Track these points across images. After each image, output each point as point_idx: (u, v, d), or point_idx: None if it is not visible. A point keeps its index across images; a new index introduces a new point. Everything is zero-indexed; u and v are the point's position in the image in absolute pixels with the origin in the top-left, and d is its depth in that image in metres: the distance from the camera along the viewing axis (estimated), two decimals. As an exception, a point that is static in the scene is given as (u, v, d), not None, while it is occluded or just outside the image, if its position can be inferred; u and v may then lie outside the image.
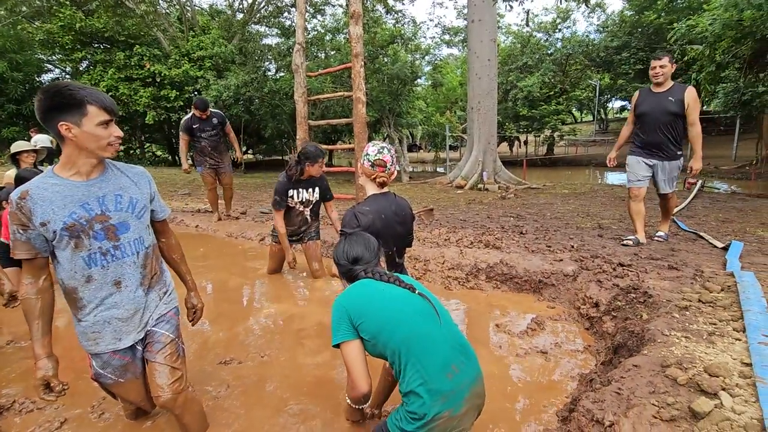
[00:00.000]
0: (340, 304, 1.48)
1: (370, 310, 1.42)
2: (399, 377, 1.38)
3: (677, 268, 2.90)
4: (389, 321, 1.38)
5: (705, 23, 8.39)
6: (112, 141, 1.40)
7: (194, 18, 17.49)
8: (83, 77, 15.94)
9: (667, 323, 2.03)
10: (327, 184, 3.71)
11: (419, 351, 1.33)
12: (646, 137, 3.73)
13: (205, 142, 5.33)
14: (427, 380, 1.30)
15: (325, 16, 17.78)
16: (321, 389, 2.12)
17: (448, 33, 20.47)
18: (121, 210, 1.49)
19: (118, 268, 1.49)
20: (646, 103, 3.70)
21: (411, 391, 1.31)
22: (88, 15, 15.65)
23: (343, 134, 19.98)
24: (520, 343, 2.54)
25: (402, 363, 1.34)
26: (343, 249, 1.64)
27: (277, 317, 3.03)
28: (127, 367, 1.60)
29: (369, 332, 1.39)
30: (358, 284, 1.54)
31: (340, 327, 1.43)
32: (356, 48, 4.69)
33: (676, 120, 3.56)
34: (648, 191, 3.79)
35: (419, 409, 1.29)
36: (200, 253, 4.69)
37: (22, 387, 2.16)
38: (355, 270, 1.58)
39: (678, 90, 3.56)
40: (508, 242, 3.99)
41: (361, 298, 1.47)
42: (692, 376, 1.52)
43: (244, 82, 13.24)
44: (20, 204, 1.34)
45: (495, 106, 9.94)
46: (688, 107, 3.50)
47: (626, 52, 17.02)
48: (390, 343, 1.36)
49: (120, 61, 15.49)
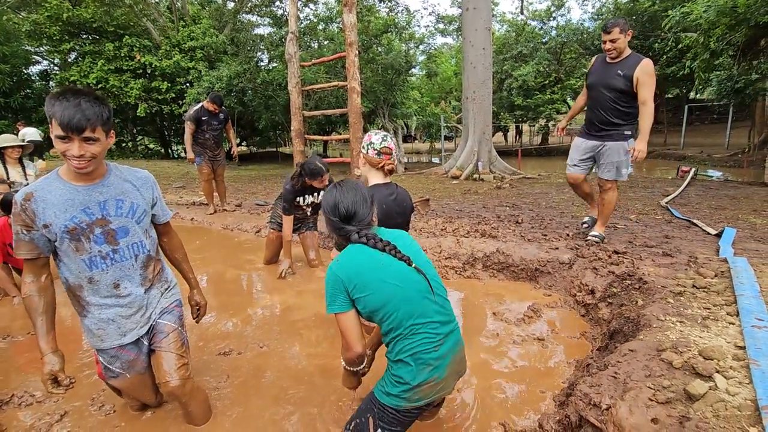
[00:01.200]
0: (335, 274, 1.40)
1: (367, 286, 1.37)
2: (388, 345, 1.44)
3: (671, 255, 2.93)
4: (388, 300, 1.37)
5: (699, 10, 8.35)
6: (68, 157, 1.34)
7: (184, 7, 17.15)
8: (72, 69, 15.64)
9: (662, 309, 2.05)
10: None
11: (413, 327, 1.38)
12: (589, 113, 3.31)
13: (209, 135, 5.34)
14: (417, 352, 1.36)
15: (317, 5, 17.51)
16: (319, 378, 2.13)
17: (442, 21, 20.26)
18: (122, 215, 1.51)
19: (117, 270, 1.52)
20: (596, 74, 3.24)
21: (400, 360, 1.38)
22: (76, 5, 15.29)
23: (338, 125, 19.82)
24: (517, 330, 2.56)
25: (394, 336, 1.40)
26: (334, 200, 1.46)
27: (274, 308, 3.03)
28: (133, 363, 1.64)
29: (365, 307, 1.40)
30: (353, 252, 1.43)
31: (335, 298, 1.40)
32: (350, 37, 4.64)
33: (622, 97, 3.08)
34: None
35: (406, 375, 1.37)
36: (196, 245, 4.67)
37: (20, 381, 2.16)
38: (347, 230, 1.44)
39: (631, 63, 3.03)
40: (504, 231, 4.00)
41: (357, 271, 1.38)
42: (687, 360, 1.54)
43: (236, 72, 13.06)
44: (24, 205, 1.38)
45: (490, 96, 9.89)
46: (638, 83, 2.99)
47: (621, 40, 16.95)
48: (386, 319, 1.39)
49: (109, 53, 15.20)
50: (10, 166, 3.54)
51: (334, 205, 1.46)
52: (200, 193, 7.33)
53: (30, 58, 17.70)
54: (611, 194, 3.32)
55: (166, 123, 19.41)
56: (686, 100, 19.56)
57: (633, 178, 8.89)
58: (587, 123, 3.37)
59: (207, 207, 5.98)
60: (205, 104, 5.23)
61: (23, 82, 17.16)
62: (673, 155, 14.26)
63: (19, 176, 3.56)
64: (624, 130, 3.18)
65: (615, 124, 3.18)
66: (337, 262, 1.42)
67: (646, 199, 5.70)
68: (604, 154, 3.25)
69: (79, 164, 1.35)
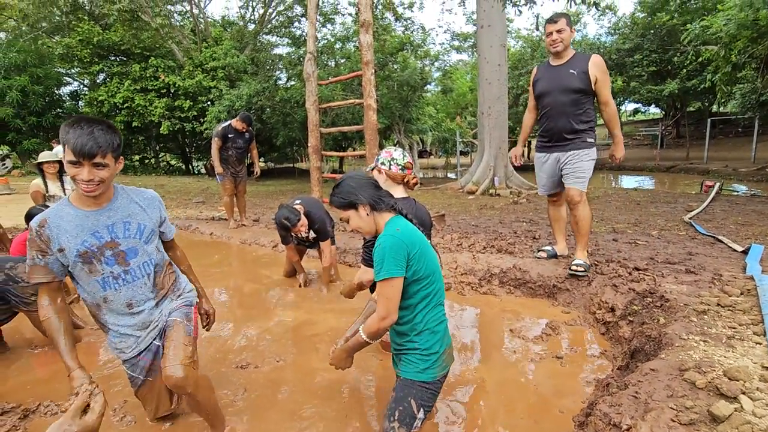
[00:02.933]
0: (400, 240, 1.48)
1: (423, 255, 1.52)
2: (413, 318, 1.56)
3: (695, 272, 2.86)
4: (434, 271, 1.56)
5: (719, 23, 8.27)
6: (78, 181, 1.40)
7: (207, 29, 17.89)
8: (100, 89, 16.42)
9: (684, 327, 2.00)
10: (324, 227, 3.49)
11: (439, 300, 1.61)
12: (546, 122, 3.02)
13: (232, 152, 5.51)
14: (440, 322, 1.61)
15: (334, 25, 18.01)
16: (334, 393, 2.13)
17: (457, 39, 20.50)
18: (130, 237, 1.58)
19: (129, 290, 1.60)
20: (544, 80, 2.97)
21: (428, 329, 1.55)
22: (106, 29, 16.13)
23: (354, 141, 20.10)
24: (535, 348, 2.52)
25: (424, 306, 1.57)
26: (362, 174, 1.68)
27: (291, 323, 3.06)
28: (152, 367, 1.73)
29: (416, 274, 1.51)
30: (405, 223, 1.57)
31: (397, 262, 1.46)
32: (366, 56, 4.76)
33: (582, 99, 2.83)
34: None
35: (435, 344, 1.57)
36: (215, 259, 4.77)
37: (47, 390, 2.22)
38: (385, 200, 1.61)
39: (581, 60, 2.82)
40: (521, 247, 3.97)
41: (418, 240, 1.54)
42: (711, 380, 1.50)
43: (255, 91, 13.45)
44: (39, 231, 1.45)
45: (506, 111, 9.91)
46: (597, 82, 2.77)
47: (639, 54, 16.83)
48: (425, 288, 1.55)
49: (136, 73, 15.91)
50: (49, 181, 3.73)
51: (364, 184, 1.61)
52: (219, 208, 7.51)
53: (62, 79, 18.67)
54: (583, 209, 2.96)
55: (188, 140, 20.02)
56: (709, 113, 19.17)
57: (655, 192, 8.70)
58: (544, 135, 3.07)
59: (227, 222, 6.11)
60: (233, 123, 5.44)
61: (55, 102, 18.05)
62: (696, 169, 13.92)
63: (58, 190, 3.75)
64: (586, 137, 2.91)
65: (576, 131, 2.90)
66: (398, 231, 1.51)
67: (668, 214, 5.58)
68: (569, 162, 2.95)
69: (88, 188, 1.41)
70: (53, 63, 17.42)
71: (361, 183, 1.60)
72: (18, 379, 2.37)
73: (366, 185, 1.60)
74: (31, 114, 16.12)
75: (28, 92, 15.58)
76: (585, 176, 2.92)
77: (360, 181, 1.61)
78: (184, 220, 6.73)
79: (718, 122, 19.20)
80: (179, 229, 6.37)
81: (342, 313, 3.09)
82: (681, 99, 19.35)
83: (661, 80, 17.56)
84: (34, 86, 15.82)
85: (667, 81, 16.35)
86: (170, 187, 12.43)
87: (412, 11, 16.60)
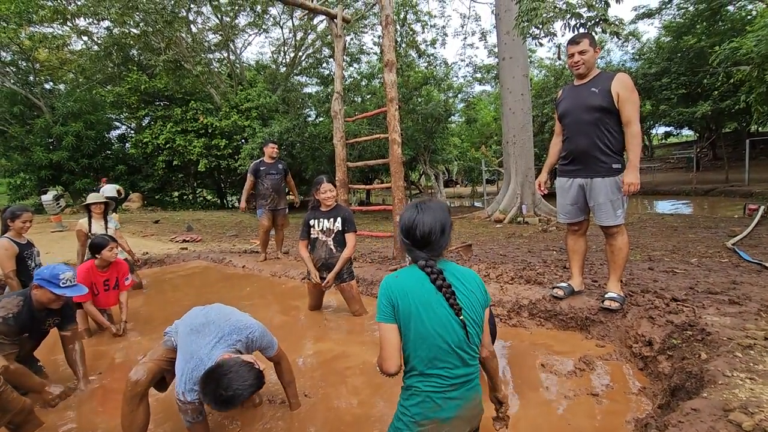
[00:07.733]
0: (388, 286, 1.41)
1: (407, 315, 1.35)
2: (407, 368, 1.41)
3: (739, 303, 2.71)
4: (418, 339, 1.35)
5: (749, 44, 8.10)
6: None
7: (242, 74, 19.13)
8: (145, 132, 17.71)
9: (728, 363, 1.90)
10: (350, 216, 3.78)
11: (431, 369, 1.36)
12: (567, 144, 2.85)
13: (267, 183, 5.78)
14: (429, 391, 1.36)
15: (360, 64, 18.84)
16: (361, 428, 2.13)
17: (479, 71, 20.92)
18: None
19: None
20: (567, 99, 2.84)
21: (414, 387, 1.38)
22: (152, 77, 17.57)
23: (380, 173, 20.48)
24: (569, 384, 2.43)
25: (409, 370, 1.41)
26: (411, 221, 1.39)
27: (319, 356, 3.09)
28: (197, 409, 1.94)
29: (401, 330, 1.38)
30: (412, 275, 1.39)
31: (383, 308, 1.39)
32: (390, 93, 4.95)
33: (604, 118, 2.65)
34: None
35: (413, 407, 1.36)
36: (246, 292, 4.90)
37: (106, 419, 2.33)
38: (416, 255, 1.40)
39: (605, 79, 2.67)
40: (551, 277, 3.88)
41: (405, 295, 1.36)
42: (759, 422, 1.41)
43: (286, 128, 14.12)
44: None
45: (531, 139, 9.92)
46: (620, 99, 2.59)
47: (666, 77, 16.57)
48: (416, 351, 1.36)
49: (177, 116, 17.12)
50: (94, 220, 4.04)
51: (410, 227, 1.40)
52: (251, 242, 7.76)
53: (111, 124, 20.31)
54: (621, 239, 2.81)
55: (223, 176, 21.03)
56: (747, 134, 18.40)
57: (693, 217, 8.32)
58: (567, 158, 2.90)
59: (258, 255, 6.31)
60: (265, 150, 5.82)
61: (105, 145, 19.54)
62: (737, 192, 13.25)
63: (101, 230, 4.04)
64: (612, 163, 2.71)
65: (600, 153, 2.71)
66: (396, 277, 1.42)
67: (709, 240, 5.33)
68: (596, 191, 2.77)
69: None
70: (105, 110, 19.05)
71: (404, 221, 1.47)
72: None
73: (404, 239, 1.47)
74: (83, 156, 17.49)
75: (82, 137, 17.00)
76: (620, 211, 2.76)
77: (401, 231, 1.49)
78: (218, 253, 6.99)
79: (758, 143, 18.36)
80: (213, 263, 6.61)
81: (370, 346, 3.09)
82: (715, 120, 18.71)
83: (692, 102, 17.12)
84: (87, 131, 17.27)
85: (698, 103, 15.92)
86: (206, 221, 12.97)
87: (435, 48, 17.16)
